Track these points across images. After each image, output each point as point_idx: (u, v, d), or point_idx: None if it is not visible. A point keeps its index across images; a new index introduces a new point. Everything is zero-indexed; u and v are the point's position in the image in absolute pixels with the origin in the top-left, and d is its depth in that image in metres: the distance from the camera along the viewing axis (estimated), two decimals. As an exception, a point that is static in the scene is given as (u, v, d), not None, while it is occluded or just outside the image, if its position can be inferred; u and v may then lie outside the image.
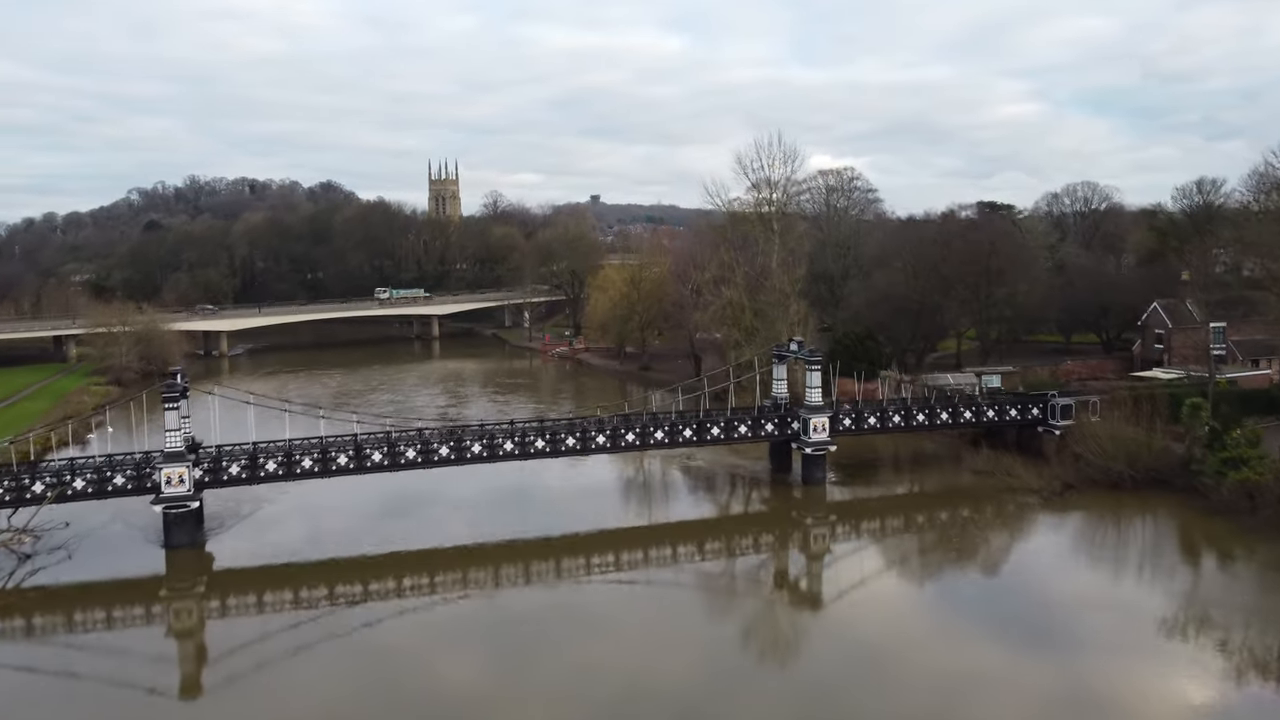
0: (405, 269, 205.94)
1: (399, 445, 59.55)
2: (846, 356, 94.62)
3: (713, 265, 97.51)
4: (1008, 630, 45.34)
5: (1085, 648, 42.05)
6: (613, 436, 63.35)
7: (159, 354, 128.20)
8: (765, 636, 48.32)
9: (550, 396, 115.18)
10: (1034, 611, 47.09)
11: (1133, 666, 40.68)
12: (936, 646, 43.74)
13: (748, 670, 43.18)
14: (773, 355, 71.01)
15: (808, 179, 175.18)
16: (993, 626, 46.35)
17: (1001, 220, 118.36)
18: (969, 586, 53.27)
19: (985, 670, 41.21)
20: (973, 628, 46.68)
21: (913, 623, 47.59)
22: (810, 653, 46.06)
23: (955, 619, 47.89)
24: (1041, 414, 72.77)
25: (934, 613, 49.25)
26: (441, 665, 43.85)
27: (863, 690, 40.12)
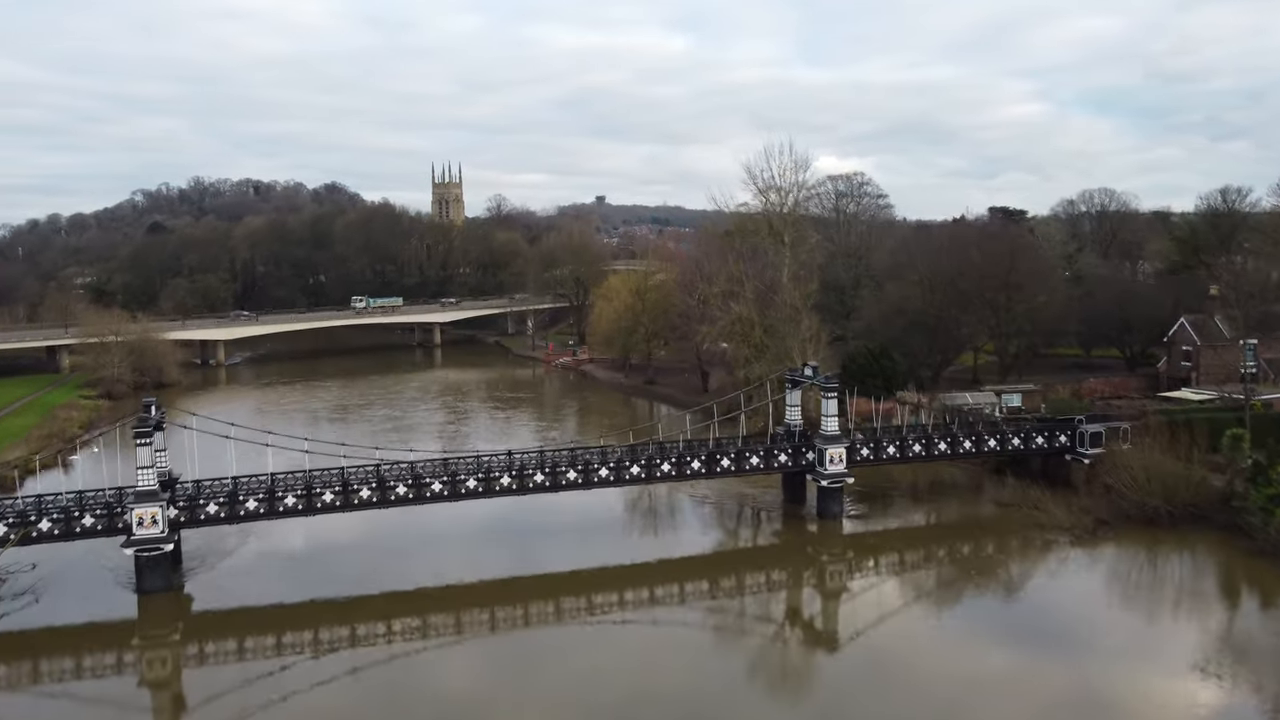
0: (407, 274, 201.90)
1: (389, 481, 55.55)
2: (861, 374, 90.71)
3: (721, 278, 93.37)
4: (1034, 677, 42.78)
5: (1116, 699, 39.64)
6: (617, 469, 59.36)
7: (152, 365, 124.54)
8: (777, 679, 45.78)
9: (552, 413, 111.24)
10: (1062, 656, 44.00)
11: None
12: (958, 693, 41.23)
13: (760, 713, 40.71)
14: (786, 380, 66.86)
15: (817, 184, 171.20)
16: (1018, 673, 43.63)
17: (1019, 229, 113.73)
18: (992, 629, 49.66)
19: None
20: (997, 674, 43.98)
21: (933, 666, 44.59)
22: (825, 696, 43.58)
23: (978, 664, 45.06)
24: (1069, 441, 68.59)
25: (956, 656, 46.10)
26: (432, 716, 41.01)
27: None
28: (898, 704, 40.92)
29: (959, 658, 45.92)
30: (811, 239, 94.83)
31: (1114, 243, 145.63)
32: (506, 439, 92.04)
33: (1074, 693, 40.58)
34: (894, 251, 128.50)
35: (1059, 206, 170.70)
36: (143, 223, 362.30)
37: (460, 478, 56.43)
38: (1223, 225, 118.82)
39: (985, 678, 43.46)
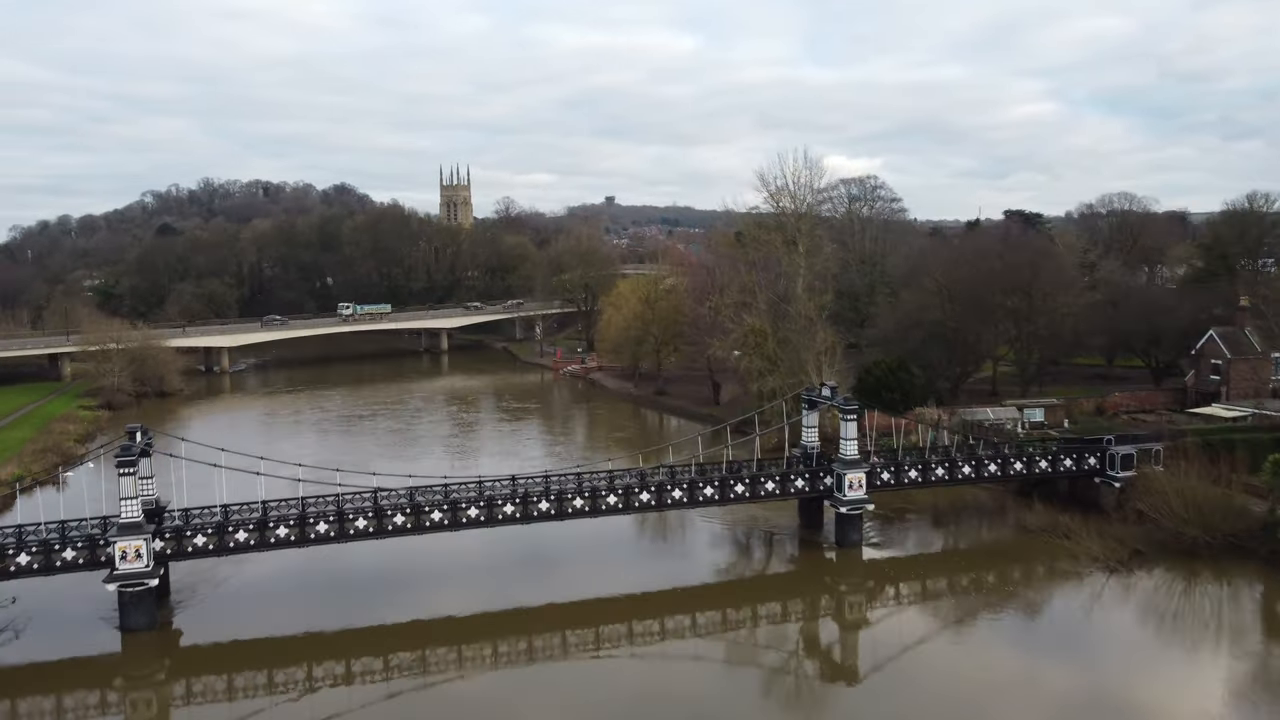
0: (415, 278, 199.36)
1: (387, 510, 52.70)
2: (877, 389, 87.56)
3: (733, 288, 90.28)
4: (1065, 717, 40.55)
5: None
6: (625, 496, 56.39)
7: (153, 373, 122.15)
8: (795, 715, 43.48)
9: (560, 425, 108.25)
10: (1094, 695, 41.68)
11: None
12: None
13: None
14: (803, 401, 63.75)
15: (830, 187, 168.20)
16: (1048, 711, 41.17)
17: (1040, 237, 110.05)
18: (1020, 665, 46.63)
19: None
20: (1025, 711, 41.40)
21: (957, 703, 42.21)
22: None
23: (1005, 701, 42.41)
24: (1098, 464, 65.33)
25: (981, 692, 43.46)
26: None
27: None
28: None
29: (984, 694, 43.32)
30: (826, 248, 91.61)
31: (1134, 248, 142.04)
32: (512, 456, 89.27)
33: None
34: (909, 257, 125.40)
35: (1076, 210, 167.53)
36: (152, 224, 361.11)
37: (462, 506, 53.53)
38: (1249, 231, 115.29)
39: (1009, 714, 41.13)
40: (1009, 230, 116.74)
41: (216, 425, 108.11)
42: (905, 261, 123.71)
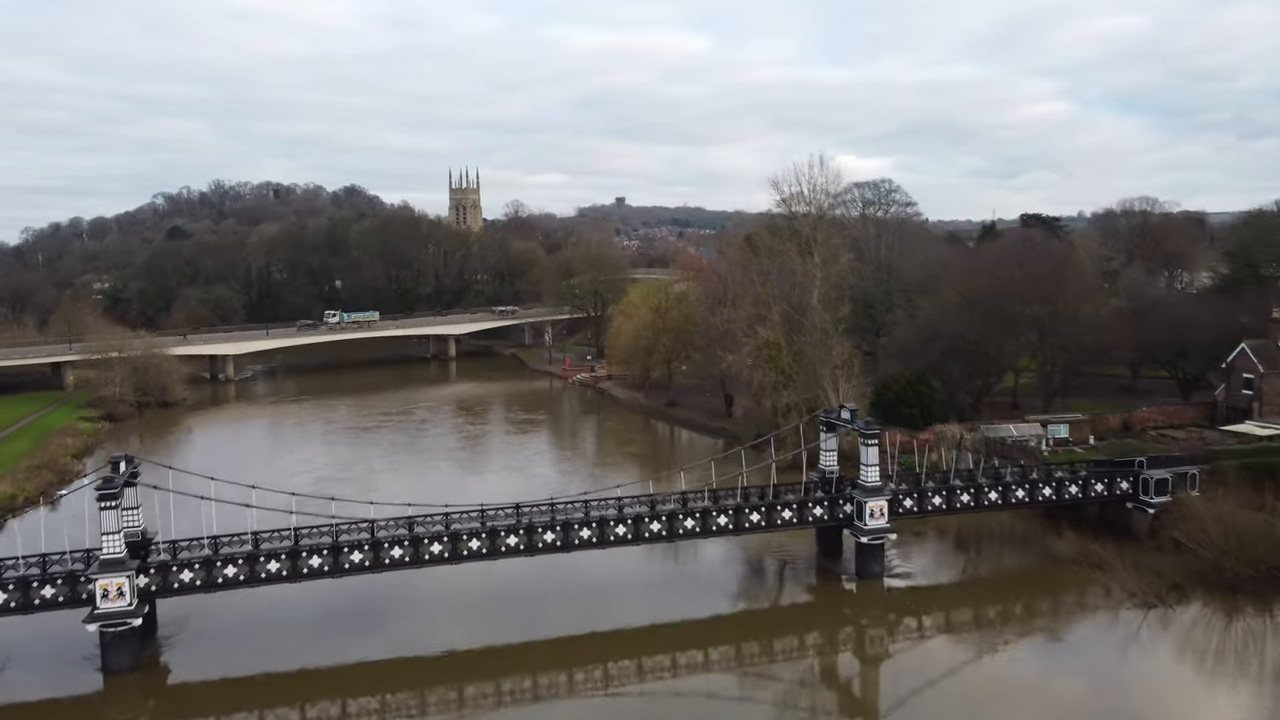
0: (423, 283, 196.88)
1: (384, 543, 49.91)
2: (896, 403, 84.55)
3: (747, 300, 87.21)
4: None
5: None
6: (635, 526, 53.47)
7: (156, 383, 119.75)
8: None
9: (569, 438, 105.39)
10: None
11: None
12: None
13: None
14: (821, 423, 60.68)
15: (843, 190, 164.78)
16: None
17: (1063, 245, 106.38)
18: (1050, 706, 43.82)
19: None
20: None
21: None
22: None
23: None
24: (1131, 488, 62.09)
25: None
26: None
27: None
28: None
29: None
30: (843, 257, 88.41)
31: (1156, 253, 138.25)
32: (518, 472, 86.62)
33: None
34: (926, 264, 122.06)
35: (1090, 211, 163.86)
36: (163, 226, 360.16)
37: (463, 538, 50.71)
38: (1275, 236, 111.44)
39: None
40: (1030, 238, 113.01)
41: (217, 438, 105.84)
42: (922, 269, 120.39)
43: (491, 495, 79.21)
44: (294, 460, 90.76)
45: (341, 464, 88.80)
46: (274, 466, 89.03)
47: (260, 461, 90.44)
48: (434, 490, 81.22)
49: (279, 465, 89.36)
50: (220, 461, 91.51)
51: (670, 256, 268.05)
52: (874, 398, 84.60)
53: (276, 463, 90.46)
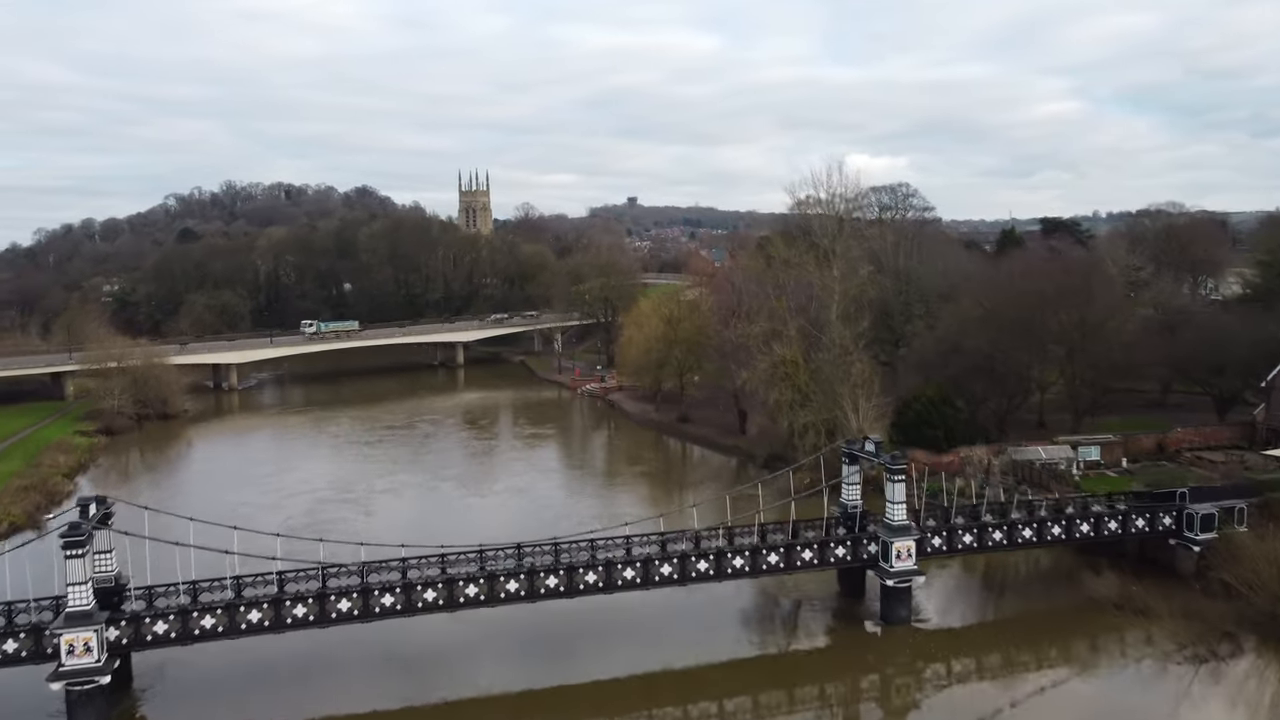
0: (432, 288, 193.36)
1: (374, 590, 46.17)
2: (918, 423, 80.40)
3: (762, 315, 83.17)
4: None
5: None
6: (644, 569, 49.59)
7: (156, 394, 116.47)
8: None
9: (577, 455, 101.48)
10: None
11: None
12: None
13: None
14: (843, 454, 56.66)
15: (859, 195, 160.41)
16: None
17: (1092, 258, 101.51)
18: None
19: None
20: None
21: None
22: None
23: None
24: (1174, 524, 57.86)
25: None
26: None
27: None
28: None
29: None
30: (862, 270, 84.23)
31: (1181, 259, 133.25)
32: (523, 495, 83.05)
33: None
34: (946, 273, 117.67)
35: (1117, 217, 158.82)
36: (175, 227, 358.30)
37: (459, 583, 46.95)
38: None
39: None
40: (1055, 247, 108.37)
41: (215, 453, 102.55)
42: (942, 278, 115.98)
43: (493, 519, 76.28)
44: (294, 479, 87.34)
45: (342, 484, 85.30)
46: (272, 486, 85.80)
47: (258, 481, 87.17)
48: (434, 513, 78.24)
49: (278, 484, 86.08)
50: (217, 481, 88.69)
51: (682, 260, 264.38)
52: (895, 417, 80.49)
53: (276, 481, 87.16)
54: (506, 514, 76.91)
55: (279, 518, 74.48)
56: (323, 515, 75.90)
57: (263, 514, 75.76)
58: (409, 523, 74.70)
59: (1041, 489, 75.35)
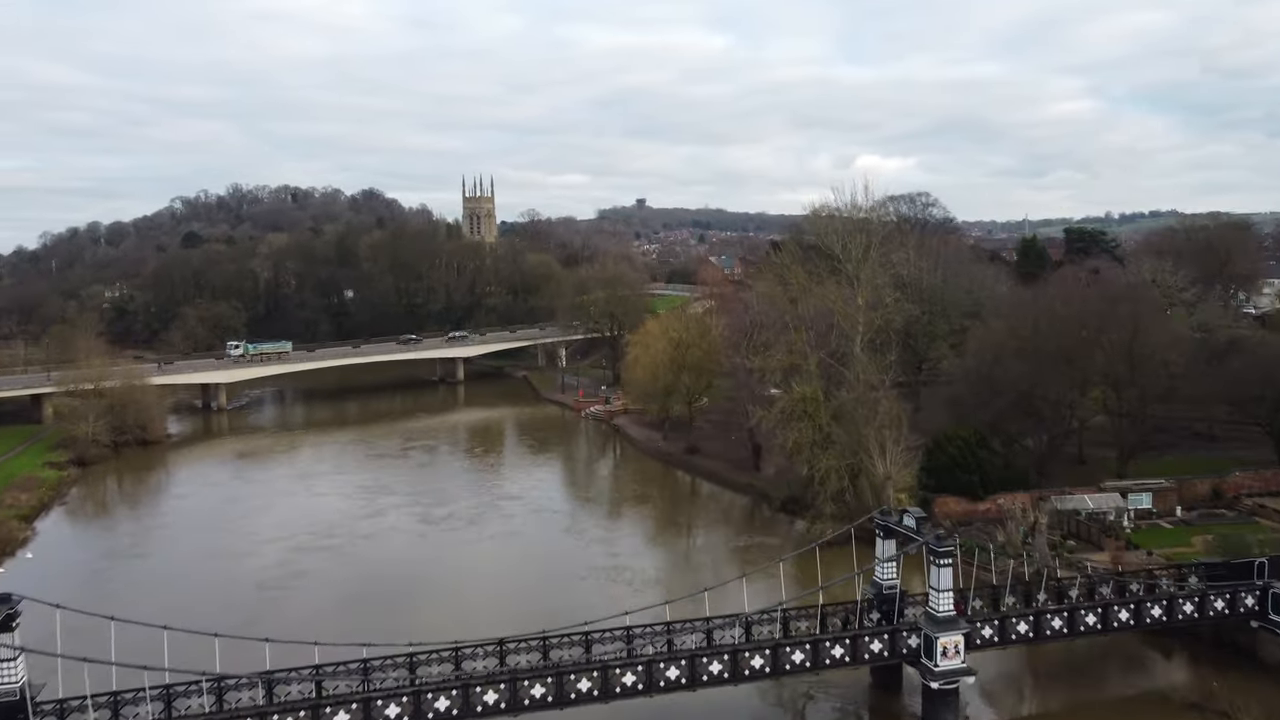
0: (434, 298, 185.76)
1: (326, 709, 38.46)
2: (952, 467, 72.35)
3: (780, 348, 75.20)
4: None
5: None
6: (648, 671, 41.75)
7: (135, 419, 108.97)
8: None
9: (578, 490, 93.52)
10: None
11: None
12: None
13: None
14: (876, 527, 48.70)
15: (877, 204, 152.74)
16: None
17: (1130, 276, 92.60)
18: None
19: None
20: None
21: None
22: None
23: None
24: (1257, 604, 49.77)
25: None
26: None
27: None
28: None
29: None
30: (888, 297, 76.08)
31: (1220, 274, 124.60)
32: (514, 539, 75.26)
33: None
34: (971, 290, 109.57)
35: (1132, 222, 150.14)
36: (180, 231, 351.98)
37: (427, 697, 39.21)
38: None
39: None
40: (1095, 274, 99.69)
41: (191, 489, 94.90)
42: (967, 296, 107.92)
43: (481, 571, 68.40)
44: (270, 522, 79.84)
45: (323, 528, 77.68)
46: (247, 529, 78.50)
47: (233, 524, 79.78)
48: (417, 560, 70.45)
49: (253, 529, 78.71)
50: (188, 525, 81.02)
51: (691, 267, 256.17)
52: (925, 458, 72.47)
53: (250, 524, 79.72)
54: (495, 568, 69.25)
55: (249, 569, 67.26)
56: (296, 567, 68.49)
57: (232, 566, 68.65)
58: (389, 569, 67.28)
59: (1091, 544, 67.45)
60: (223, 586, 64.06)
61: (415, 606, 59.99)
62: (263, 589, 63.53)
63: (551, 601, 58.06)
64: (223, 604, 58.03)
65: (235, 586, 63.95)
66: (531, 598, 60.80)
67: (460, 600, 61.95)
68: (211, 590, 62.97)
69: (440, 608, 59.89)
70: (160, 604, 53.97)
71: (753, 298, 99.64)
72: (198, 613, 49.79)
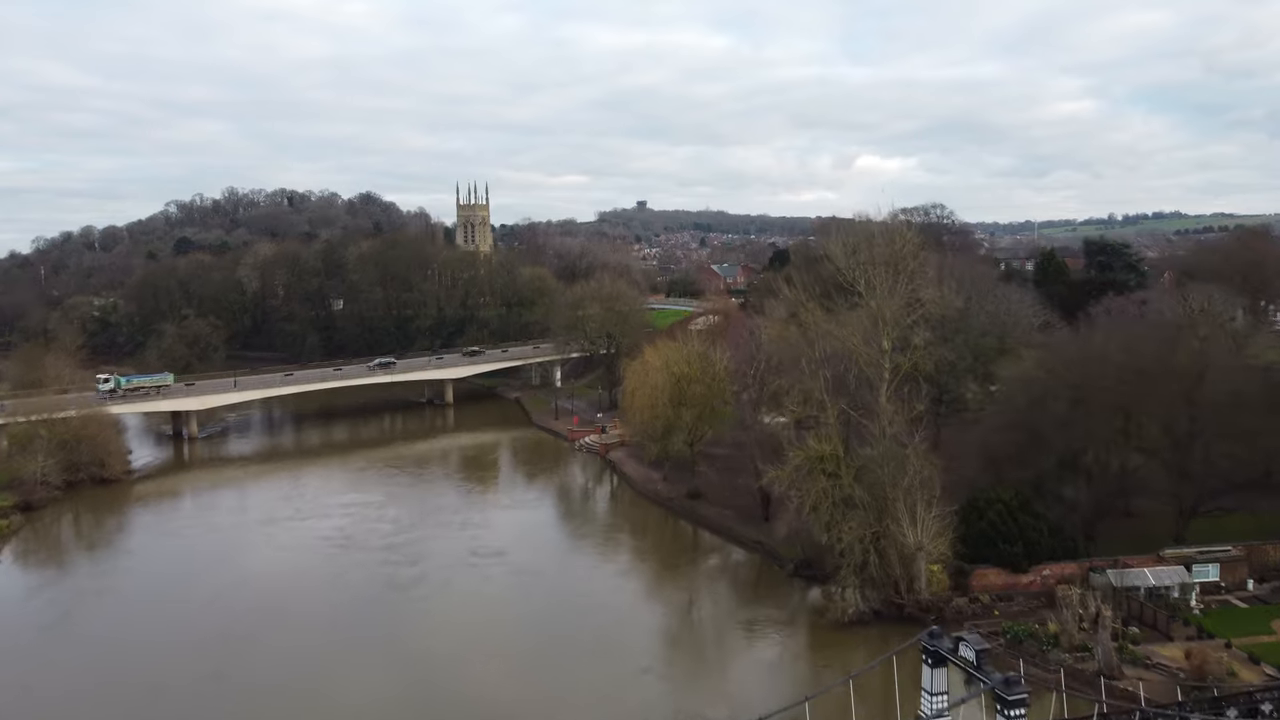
0: (424, 313, 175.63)
1: None
2: (993, 536, 62.42)
3: (795, 397, 65.19)
4: None
5: None
6: None
7: (90, 454, 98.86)
8: None
9: (571, 541, 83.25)
10: None
11: None
12: None
13: None
14: (924, 651, 38.75)
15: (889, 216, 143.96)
16: None
17: (1208, 321, 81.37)
18: None
19: None
20: None
21: None
22: None
23: None
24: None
25: None
26: None
27: None
28: None
29: None
30: (917, 338, 65.89)
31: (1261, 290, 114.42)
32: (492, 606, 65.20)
33: None
34: (995, 315, 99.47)
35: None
36: (174, 235, 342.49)
37: None
38: None
39: None
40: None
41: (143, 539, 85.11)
42: (990, 320, 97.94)
43: (445, 657, 57.95)
44: (214, 587, 70.07)
45: (273, 600, 67.62)
46: (189, 594, 68.70)
47: (176, 588, 70.01)
48: (370, 640, 60.12)
49: (198, 591, 69.00)
50: (128, 588, 71.41)
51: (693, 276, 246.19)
52: (960, 525, 62.48)
53: (197, 587, 69.95)
54: (470, 646, 59.18)
55: (170, 665, 56.58)
56: (219, 660, 57.49)
57: (149, 660, 57.83)
58: (329, 685, 56.53)
59: (1156, 631, 57.47)
60: (126, 689, 54.14)
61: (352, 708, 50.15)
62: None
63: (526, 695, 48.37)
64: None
65: (139, 691, 53.93)
66: (502, 694, 51.05)
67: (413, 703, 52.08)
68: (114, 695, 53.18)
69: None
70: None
71: (759, 326, 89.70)
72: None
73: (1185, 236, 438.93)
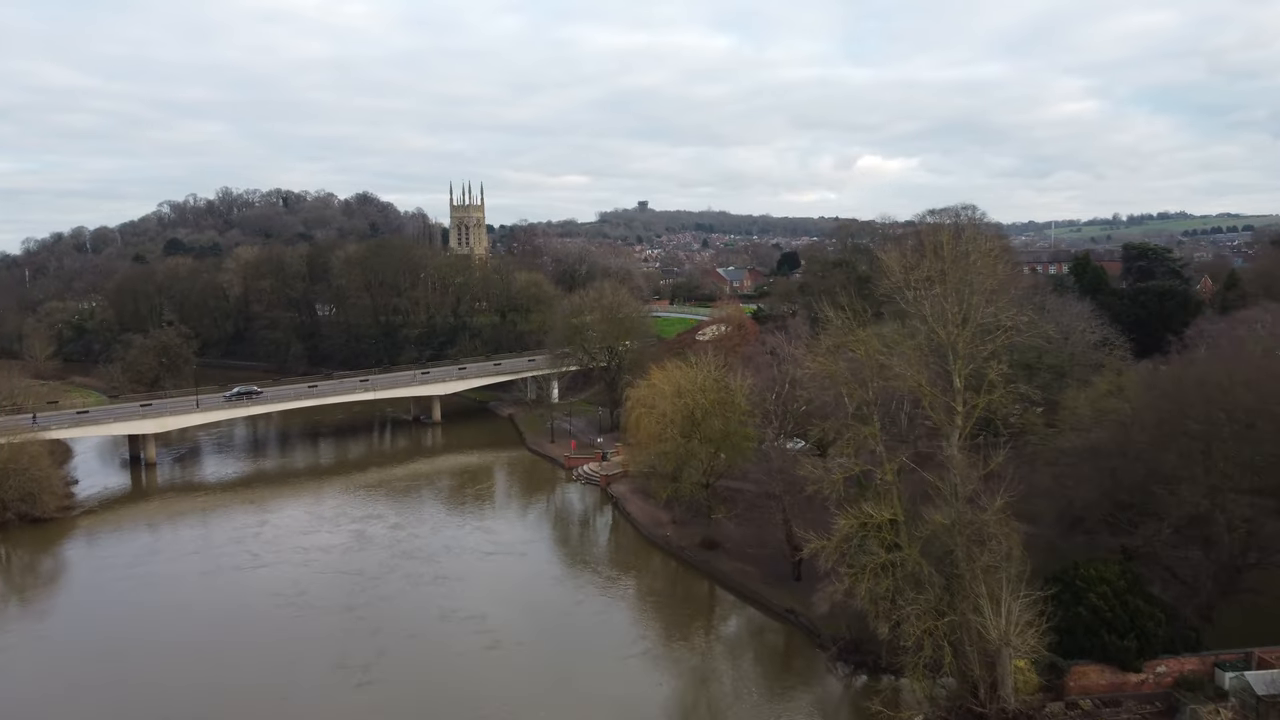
0: (413, 322, 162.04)
1: None
2: (1095, 625, 48.60)
3: (847, 443, 51.31)
4: None
5: None
6: None
7: (18, 488, 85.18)
8: None
9: (563, 603, 68.97)
10: None
11: None
12: None
13: None
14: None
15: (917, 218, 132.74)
16: None
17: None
18: None
19: None
20: None
21: None
22: None
23: None
24: None
25: None
26: None
27: None
28: None
29: None
30: (993, 373, 51.82)
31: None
32: (458, 696, 51.40)
33: None
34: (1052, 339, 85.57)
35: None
36: (166, 236, 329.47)
37: None
38: None
39: None
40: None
41: (68, 598, 70.90)
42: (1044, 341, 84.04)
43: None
44: (148, 663, 56.44)
45: (158, 704, 53.93)
46: (102, 679, 54.94)
47: (87, 671, 56.03)
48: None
49: (113, 674, 55.31)
50: (31, 670, 57.48)
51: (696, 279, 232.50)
52: (1055, 610, 48.44)
53: (113, 668, 56.21)
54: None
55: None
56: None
57: None
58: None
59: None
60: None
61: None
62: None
63: None
64: None
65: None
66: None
67: None
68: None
69: None
70: None
71: (782, 345, 75.78)
72: None
73: (1195, 238, 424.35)
